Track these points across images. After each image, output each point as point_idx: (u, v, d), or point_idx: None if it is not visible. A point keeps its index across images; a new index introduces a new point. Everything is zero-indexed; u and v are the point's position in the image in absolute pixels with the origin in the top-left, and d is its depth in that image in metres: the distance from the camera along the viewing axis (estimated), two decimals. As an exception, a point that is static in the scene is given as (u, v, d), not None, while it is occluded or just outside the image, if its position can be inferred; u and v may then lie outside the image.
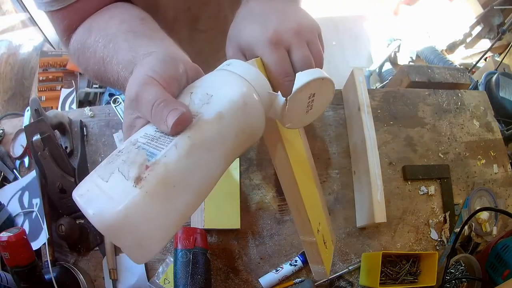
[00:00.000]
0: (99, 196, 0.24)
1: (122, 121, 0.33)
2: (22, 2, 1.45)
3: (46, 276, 0.57)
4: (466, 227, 0.70)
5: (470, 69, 1.57)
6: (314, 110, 0.36)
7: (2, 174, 0.73)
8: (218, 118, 0.28)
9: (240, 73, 0.31)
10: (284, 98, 0.32)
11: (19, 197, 0.70)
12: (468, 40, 1.98)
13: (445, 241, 0.72)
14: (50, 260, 0.60)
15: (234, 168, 0.72)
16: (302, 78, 0.32)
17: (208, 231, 0.67)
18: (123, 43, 0.38)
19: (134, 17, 0.43)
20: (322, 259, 0.41)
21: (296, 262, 0.66)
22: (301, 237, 0.42)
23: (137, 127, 0.31)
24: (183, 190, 0.26)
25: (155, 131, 0.29)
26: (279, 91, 0.32)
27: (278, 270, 0.66)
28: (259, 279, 0.66)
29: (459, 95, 0.87)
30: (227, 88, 0.30)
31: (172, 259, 0.63)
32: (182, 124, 0.27)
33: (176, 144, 0.26)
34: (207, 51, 0.72)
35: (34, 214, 0.68)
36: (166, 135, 0.27)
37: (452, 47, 2.04)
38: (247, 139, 0.31)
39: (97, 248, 0.67)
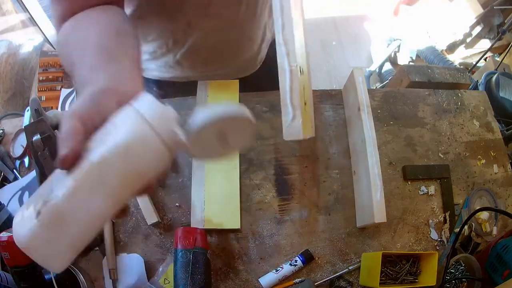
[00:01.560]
0: (18, 223, 0.30)
1: None
2: (22, 2, 1.45)
3: (46, 276, 0.57)
4: (466, 227, 0.70)
5: (470, 69, 1.57)
6: (234, 143, 0.36)
7: (2, 174, 0.73)
8: (100, 162, 0.29)
9: (142, 111, 0.31)
10: (185, 136, 0.32)
11: (19, 197, 0.70)
12: (468, 40, 1.98)
13: (445, 241, 0.72)
14: (50, 260, 0.60)
15: (234, 168, 0.72)
16: (200, 116, 0.32)
17: (208, 231, 0.66)
18: (87, 59, 0.41)
19: (110, 29, 0.46)
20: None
21: (296, 262, 0.66)
22: None
23: None
24: (72, 223, 0.29)
25: None
26: (180, 127, 0.32)
27: (278, 270, 0.66)
28: (259, 279, 0.66)
29: (459, 95, 0.87)
30: (121, 128, 0.30)
31: (172, 259, 0.63)
32: (63, 164, 0.29)
33: (66, 185, 0.29)
34: (212, 38, 0.72)
35: (34, 214, 0.68)
36: (67, 173, 0.30)
37: (452, 47, 2.05)
38: (141, 177, 0.32)
39: (97, 248, 0.67)
